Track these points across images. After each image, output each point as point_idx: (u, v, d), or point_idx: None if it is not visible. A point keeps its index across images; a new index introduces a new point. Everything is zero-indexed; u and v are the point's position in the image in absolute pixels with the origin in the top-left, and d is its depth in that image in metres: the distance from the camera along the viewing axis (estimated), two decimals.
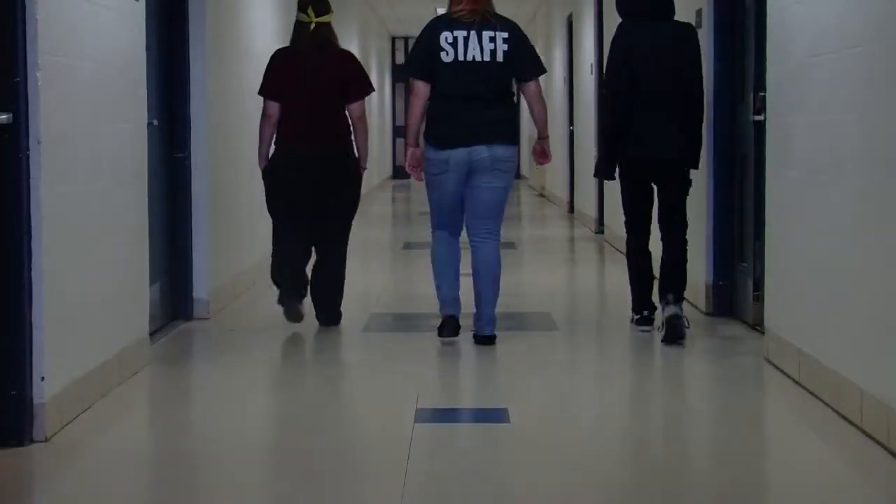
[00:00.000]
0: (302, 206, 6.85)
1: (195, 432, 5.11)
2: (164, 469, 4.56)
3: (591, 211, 13.22)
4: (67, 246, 4.87)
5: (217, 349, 6.78)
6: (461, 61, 6.29)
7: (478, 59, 6.29)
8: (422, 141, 6.44)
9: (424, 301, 8.45)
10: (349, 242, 7.16)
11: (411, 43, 7.41)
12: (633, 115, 6.56)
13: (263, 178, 6.94)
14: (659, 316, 6.67)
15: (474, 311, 6.58)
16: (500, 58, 6.29)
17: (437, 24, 6.39)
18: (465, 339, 6.94)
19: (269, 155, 6.94)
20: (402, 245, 11.92)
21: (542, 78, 6.50)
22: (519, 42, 6.35)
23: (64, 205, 4.82)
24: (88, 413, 5.04)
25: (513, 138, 6.45)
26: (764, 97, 6.30)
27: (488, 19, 6.33)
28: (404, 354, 6.59)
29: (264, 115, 6.86)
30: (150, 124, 6.31)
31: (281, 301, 7.05)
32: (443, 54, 6.30)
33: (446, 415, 5.16)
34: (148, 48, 6.16)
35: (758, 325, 6.67)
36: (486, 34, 6.30)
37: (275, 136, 6.86)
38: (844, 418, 4.88)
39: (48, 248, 4.64)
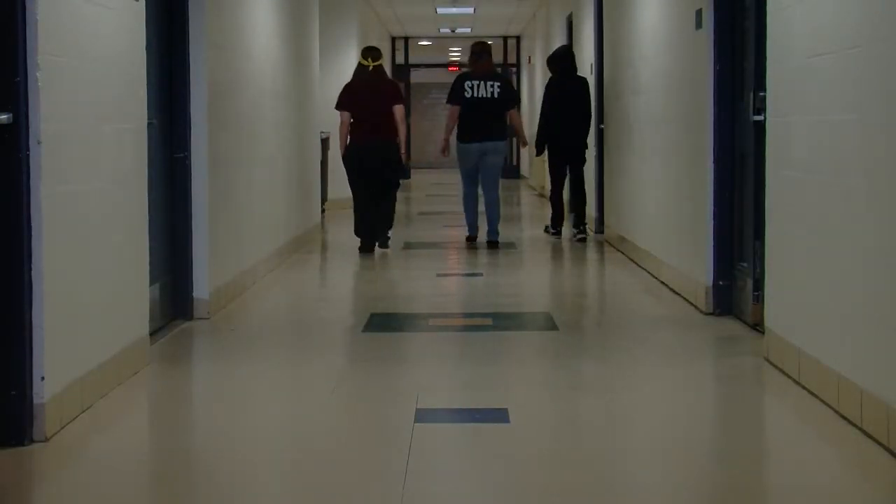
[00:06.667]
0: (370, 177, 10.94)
1: (195, 432, 5.11)
2: (164, 469, 4.56)
3: (591, 211, 13.22)
4: (67, 246, 4.87)
5: (217, 349, 6.78)
6: (475, 97, 11.39)
7: (484, 96, 11.38)
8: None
9: (424, 301, 8.46)
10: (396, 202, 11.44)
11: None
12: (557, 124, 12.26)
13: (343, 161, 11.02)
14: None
15: (487, 228, 11.55)
16: (496, 96, 11.41)
17: (463, 77, 11.51)
18: (465, 338, 6.95)
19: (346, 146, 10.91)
20: (402, 245, 11.92)
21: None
22: (506, 87, 11.53)
23: (64, 205, 4.82)
24: (88, 413, 5.04)
25: (504, 136, 11.58)
26: (764, 97, 6.30)
27: (490, 75, 11.49)
28: (404, 354, 6.59)
29: (342, 122, 10.98)
30: (149, 124, 6.31)
31: (361, 246, 11.01)
32: (465, 93, 11.39)
33: (446, 415, 5.16)
34: (148, 48, 6.16)
35: (758, 325, 6.67)
36: (488, 82, 11.40)
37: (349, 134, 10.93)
38: (844, 418, 4.89)
39: (48, 248, 4.64)
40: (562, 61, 12.28)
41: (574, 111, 12.10)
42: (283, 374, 6.09)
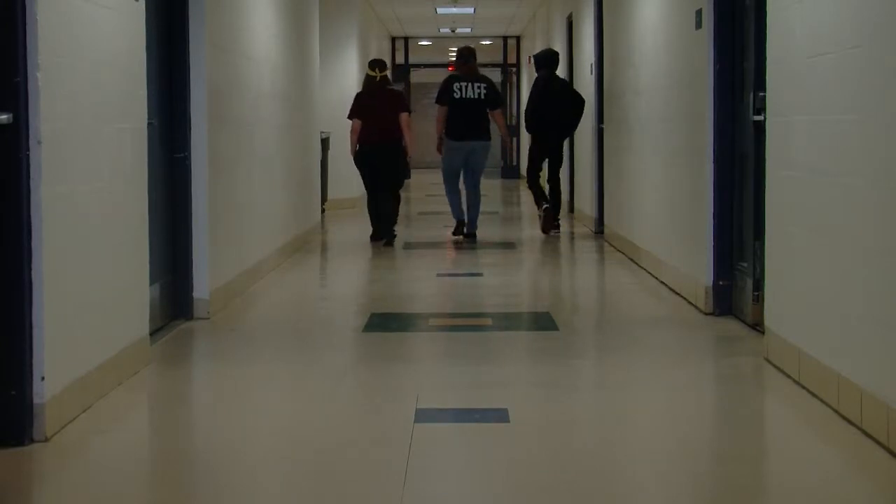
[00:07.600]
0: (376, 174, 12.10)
1: (195, 432, 5.11)
2: (164, 469, 4.56)
3: (591, 211, 13.22)
4: (67, 246, 4.87)
5: (217, 349, 6.78)
6: (463, 98, 12.26)
7: (472, 97, 12.26)
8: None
9: (425, 301, 8.46)
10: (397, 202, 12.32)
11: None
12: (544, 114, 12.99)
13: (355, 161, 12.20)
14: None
15: (468, 222, 12.41)
16: (481, 97, 12.28)
17: (452, 78, 12.45)
18: (465, 338, 6.95)
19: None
20: (402, 245, 11.93)
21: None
22: (490, 89, 12.39)
23: (64, 205, 4.82)
24: (88, 413, 5.04)
25: (489, 136, 12.43)
26: (764, 97, 6.30)
27: (476, 77, 12.37)
28: (404, 354, 6.59)
29: (352, 129, 12.02)
30: (149, 124, 6.30)
31: (373, 235, 12.27)
32: (454, 94, 12.27)
33: (446, 415, 5.16)
34: (148, 48, 6.16)
35: (758, 325, 6.67)
36: (475, 84, 12.31)
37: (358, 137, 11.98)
38: (844, 418, 4.89)
39: (48, 248, 4.64)
40: (551, 62, 13.24)
41: (560, 109, 12.96)
42: (284, 374, 6.08)
